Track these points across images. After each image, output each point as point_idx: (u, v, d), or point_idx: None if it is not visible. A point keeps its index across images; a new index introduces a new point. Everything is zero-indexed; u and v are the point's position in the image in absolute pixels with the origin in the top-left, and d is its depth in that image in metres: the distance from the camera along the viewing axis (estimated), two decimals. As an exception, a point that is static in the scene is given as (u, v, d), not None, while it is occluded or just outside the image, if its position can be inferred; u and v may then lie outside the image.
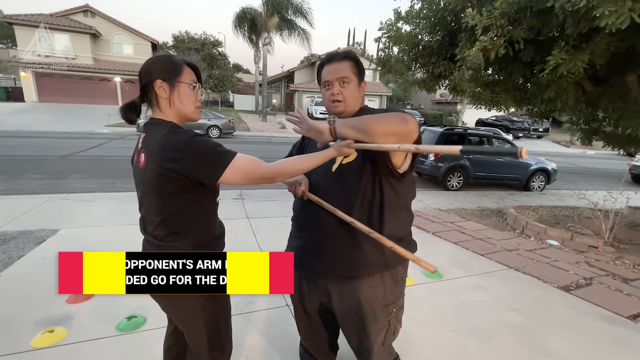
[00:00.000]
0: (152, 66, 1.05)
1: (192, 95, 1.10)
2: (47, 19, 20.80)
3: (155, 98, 1.06)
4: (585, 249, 3.89)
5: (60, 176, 6.23)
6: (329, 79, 1.21)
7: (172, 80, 1.05)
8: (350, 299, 1.23)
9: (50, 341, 1.84)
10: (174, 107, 1.07)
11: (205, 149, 0.97)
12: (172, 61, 1.07)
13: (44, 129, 13.23)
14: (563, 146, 23.14)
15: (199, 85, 1.13)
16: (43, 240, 3.20)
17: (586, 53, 3.12)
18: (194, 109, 1.11)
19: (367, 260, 1.19)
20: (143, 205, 1.10)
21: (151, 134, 1.05)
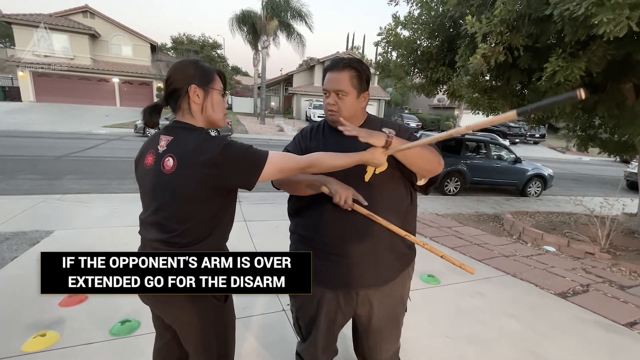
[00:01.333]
0: (184, 71, 1.04)
1: (222, 103, 1.12)
2: (46, 19, 20.74)
3: (187, 103, 1.04)
4: (582, 255, 3.90)
5: (56, 177, 6.17)
6: (327, 88, 1.22)
7: (206, 86, 1.05)
8: (389, 300, 1.28)
9: (41, 345, 1.80)
10: (205, 113, 1.07)
11: (242, 154, 0.98)
12: (204, 67, 1.07)
13: (41, 129, 13.15)
14: (559, 152, 23.30)
15: (226, 94, 1.14)
16: (37, 241, 3.16)
17: (583, 60, 3.15)
18: (223, 116, 1.13)
19: (399, 259, 1.27)
20: (161, 211, 1.02)
21: (182, 138, 1.01)
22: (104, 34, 22.67)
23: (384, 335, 1.33)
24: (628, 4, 2.39)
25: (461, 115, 24.34)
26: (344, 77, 1.19)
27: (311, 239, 1.27)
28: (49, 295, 2.25)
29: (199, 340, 1.10)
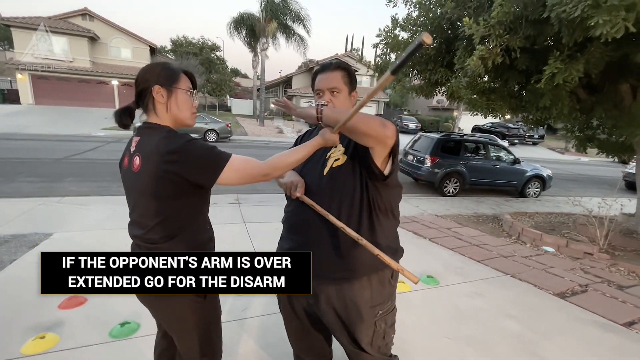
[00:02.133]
0: (150, 72, 1.07)
1: (189, 101, 1.13)
2: (45, 21, 20.76)
3: (152, 103, 1.08)
4: (581, 255, 3.91)
5: (55, 179, 6.17)
6: (321, 88, 1.26)
7: (170, 86, 1.08)
8: (337, 301, 1.26)
9: (41, 348, 1.80)
10: (170, 112, 1.09)
11: (203, 152, 0.98)
12: (169, 68, 1.10)
13: (40, 132, 13.15)
14: (558, 153, 23.35)
15: (194, 92, 1.16)
16: (36, 244, 3.16)
17: (581, 62, 3.17)
18: (190, 115, 1.14)
19: (356, 263, 1.23)
20: (136, 209, 1.09)
21: (147, 137, 1.05)
22: (103, 36, 22.70)
23: (343, 339, 1.31)
24: (624, 5, 2.41)
25: (460, 116, 24.41)
26: (336, 75, 1.25)
27: (284, 230, 1.39)
28: (49, 298, 2.26)
29: (180, 335, 1.14)
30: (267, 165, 1.04)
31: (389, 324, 1.33)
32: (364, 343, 1.29)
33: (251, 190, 6.37)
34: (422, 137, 8.16)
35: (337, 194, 1.22)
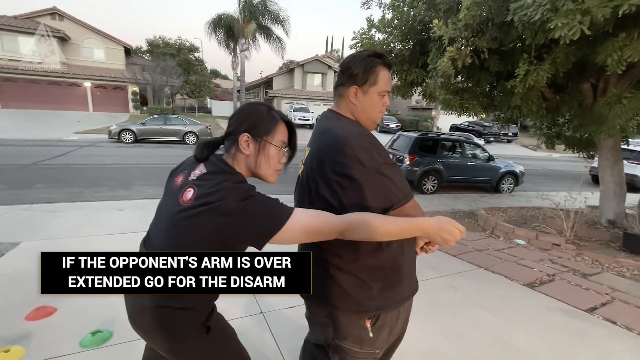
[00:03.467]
0: (247, 115, 0.99)
1: (276, 158, 1.01)
2: (9, 20, 19.76)
3: (236, 149, 0.98)
4: (549, 247, 4.11)
5: (23, 186, 5.89)
6: (389, 90, 1.11)
7: (262, 138, 0.97)
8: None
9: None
10: (252, 166, 1.00)
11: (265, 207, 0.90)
12: (269, 115, 0.99)
13: (7, 137, 12.48)
14: (530, 150, 24.32)
15: (287, 148, 1.03)
16: (2, 254, 3.02)
17: (547, 63, 3.33)
18: (272, 172, 1.02)
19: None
20: (163, 232, 1.03)
21: (213, 176, 0.95)
22: (74, 36, 21.83)
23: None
24: (579, 9, 2.56)
25: (438, 116, 25.01)
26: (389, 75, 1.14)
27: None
28: (14, 309, 2.17)
29: None
30: (345, 222, 0.88)
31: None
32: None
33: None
34: (401, 136, 8.33)
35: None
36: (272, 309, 2.36)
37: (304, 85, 27.42)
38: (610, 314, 2.60)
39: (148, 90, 22.58)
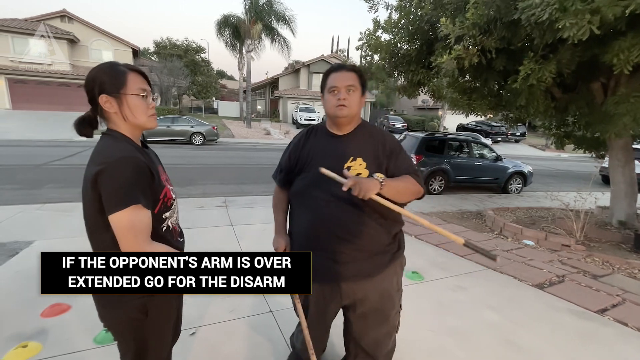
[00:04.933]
0: (94, 78, 0.99)
1: (143, 104, 1.03)
2: (21, 23, 20.13)
3: (104, 112, 1.01)
4: (559, 247, 4.07)
5: (35, 186, 6.02)
6: (337, 85, 1.27)
7: (117, 92, 0.99)
8: (373, 293, 1.35)
9: (23, 357, 1.78)
10: (127, 121, 1.02)
11: (126, 175, 0.93)
12: (114, 71, 1.00)
13: (18, 137, 12.74)
14: (539, 150, 24.05)
15: (148, 92, 1.05)
16: (16, 252, 3.09)
17: (553, 63, 3.31)
18: (147, 118, 1.05)
19: (384, 257, 1.34)
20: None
21: (97, 144, 1.04)
22: (83, 38, 22.16)
23: (369, 323, 1.41)
24: (588, 9, 2.54)
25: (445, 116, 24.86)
26: (352, 75, 1.30)
27: (302, 235, 1.38)
28: (30, 306, 2.22)
29: (119, 347, 1.13)
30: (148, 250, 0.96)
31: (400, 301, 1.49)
32: (392, 325, 1.43)
33: (239, 193, 6.36)
34: (408, 136, 8.30)
35: (357, 205, 1.25)
36: (281, 308, 2.38)
37: (309, 86, 27.45)
38: (621, 315, 2.57)
39: (155, 91, 22.83)
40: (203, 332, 2.10)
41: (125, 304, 1.04)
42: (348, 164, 1.27)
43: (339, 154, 1.30)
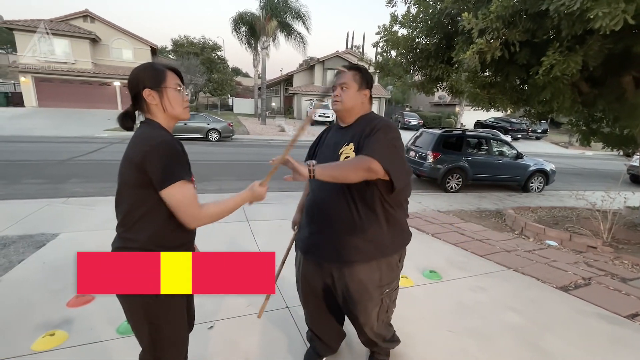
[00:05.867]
0: (138, 76, 1.12)
1: (179, 97, 1.17)
2: (46, 24, 20.88)
3: (146, 105, 1.13)
4: (584, 249, 3.91)
5: (60, 181, 6.24)
6: (334, 83, 1.49)
7: (159, 87, 1.12)
8: (349, 280, 1.45)
9: (50, 345, 1.84)
10: (166, 112, 1.15)
11: (169, 155, 1.04)
12: (155, 69, 1.14)
13: (44, 134, 13.26)
14: (562, 147, 23.21)
15: (183, 87, 1.20)
16: (43, 244, 3.21)
17: (579, 54, 3.15)
18: (183, 110, 1.19)
19: (366, 249, 1.41)
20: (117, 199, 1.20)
21: (138, 131, 1.14)
22: (105, 38, 22.79)
23: (349, 307, 1.52)
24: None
25: (462, 112, 24.31)
26: (348, 74, 1.46)
27: (304, 220, 1.59)
28: (57, 296, 2.30)
29: (134, 332, 1.19)
30: (203, 213, 1.07)
31: (392, 300, 1.58)
32: (371, 317, 1.50)
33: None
34: (424, 133, 8.15)
35: (347, 188, 1.37)
36: (297, 304, 2.37)
37: (324, 82, 27.34)
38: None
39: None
40: (221, 325, 2.12)
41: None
42: (342, 149, 1.42)
43: (337, 141, 1.47)
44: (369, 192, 1.37)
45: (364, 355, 1.88)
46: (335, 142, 1.48)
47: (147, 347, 1.19)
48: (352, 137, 1.41)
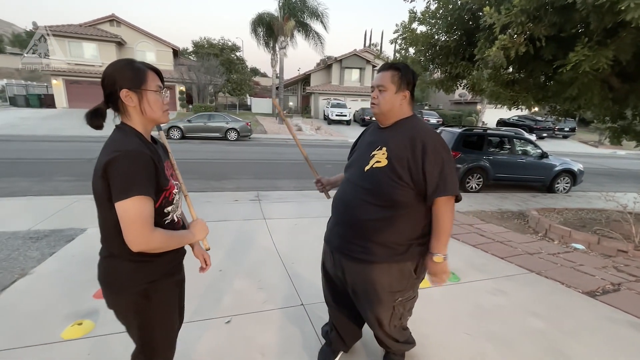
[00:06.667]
0: (116, 74, 1.03)
1: (160, 100, 1.09)
2: (76, 29, 21.91)
3: (123, 106, 1.06)
4: (614, 253, 3.72)
5: (89, 178, 6.42)
6: (373, 85, 1.45)
7: (139, 88, 1.04)
8: (358, 278, 1.47)
9: (79, 333, 1.94)
10: (145, 115, 1.07)
11: (132, 166, 0.96)
12: (135, 68, 1.04)
13: (74, 134, 13.91)
14: (591, 146, 22.13)
15: (164, 89, 1.12)
16: (72, 238, 3.38)
17: (610, 49, 3.00)
18: (162, 113, 1.11)
19: (379, 249, 1.39)
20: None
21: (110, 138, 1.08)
22: (130, 41, 23.66)
23: (359, 303, 1.55)
24: (659, -14, 2.26)
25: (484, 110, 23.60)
26: (386, 75, 1.40)
27: (333, 202, 1.60)
28: (84, 288, 2.42)
29: (127, 329, 1.18)
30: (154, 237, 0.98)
31: (407, 309, 1.55)
32: (383, 321, 1.51)
33: (271, 187, 6.48)
34: (444, 132, 7.98)
35: (374, 191, 1.37)
36: (312, 302, 2.40)
37: (341, 81, 27.27)
38: (689, 331, 2.30)
39: (193, 89, 23.86)
40: (237, 320, 2.17)
41: (128, 290, 1.08)
42: (374, 152, 1.41)
43: (372, 141, 1.46)
44: (396, 199, 1.34)
45: (379, 354, 1.87)
46: (370, 141, 1.47)
47: (136, 346, 1.20)
48: (386, 142, 1.38)
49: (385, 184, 1.34)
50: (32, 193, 5.28)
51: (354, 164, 1.51)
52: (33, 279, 2.57)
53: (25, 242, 3.23)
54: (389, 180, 1.33)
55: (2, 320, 2.05)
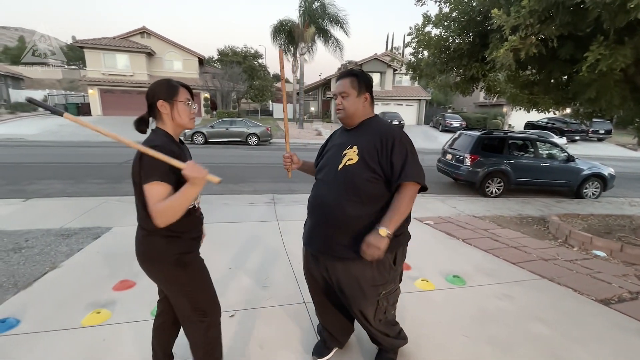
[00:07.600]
0: (155, 89, 1.33)
1: (187, 110, 1.37)
2: (110, 41, 23.38)
3: (158, 113, 1.34)
4: (637, 261, 3.53)
5: (117, 181, 6.97)
6: (334, 92, 1.58)
7: (171, 99, 1.33)
8: (340, 275, 1.53)
9: (97, 321, 2.13)
10: (174, 120, 1.35)
11: (152, 159, 1.19)
12: (170, 85, 1.34)
13: (107, 140, 14.80)
14: (629, 149, 20.76)
15: (192, 102, 1.39)
16: (98, 236, 3.65)
17: (629, 47, 2.89)
18: (188, 120, 1.38)
19: (356, 246, 1.43)
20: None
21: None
22: (159, 51, 24.91)
23: (350, 307, 1.60)
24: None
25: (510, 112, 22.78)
26: (345, 82, 1.54)
27: (308, 204, 1.70)
28: (105, 280, 2.63)
29: (170, 296, 1.42)
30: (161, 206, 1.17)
31: (390, 303, 1.61)
32: (368, 315, 1.55)
33: (287, 191, 6.63)
34: (463, 135, 7.83)
35: (349, 187, 1.47)
36: (313, 300, 2.47)
37: (361, 85, 27.21)
38: None
39: (217, 96, 24.72)
40: (241, 315, 2.28)
41: (164, 261, 1.33)
42: (345, 150, 1.51)
43: (342, 143, 1.56)
44: (370, 193, 1.45)
45: (372, 351, 1.92)
46: (340, 143, 1.58)
47: (183, 308, 1.41)
48: (356, 141, 1.51)
49: (358, 179, 1.44)
50: (65, 194, 5.72)
51: (326, 165, 1.59)
52: (61, 272, 2.82)
53: (57, 238, 3.53)
54: (361, 174, 1.43)
55: (33, 307, 2.28)
